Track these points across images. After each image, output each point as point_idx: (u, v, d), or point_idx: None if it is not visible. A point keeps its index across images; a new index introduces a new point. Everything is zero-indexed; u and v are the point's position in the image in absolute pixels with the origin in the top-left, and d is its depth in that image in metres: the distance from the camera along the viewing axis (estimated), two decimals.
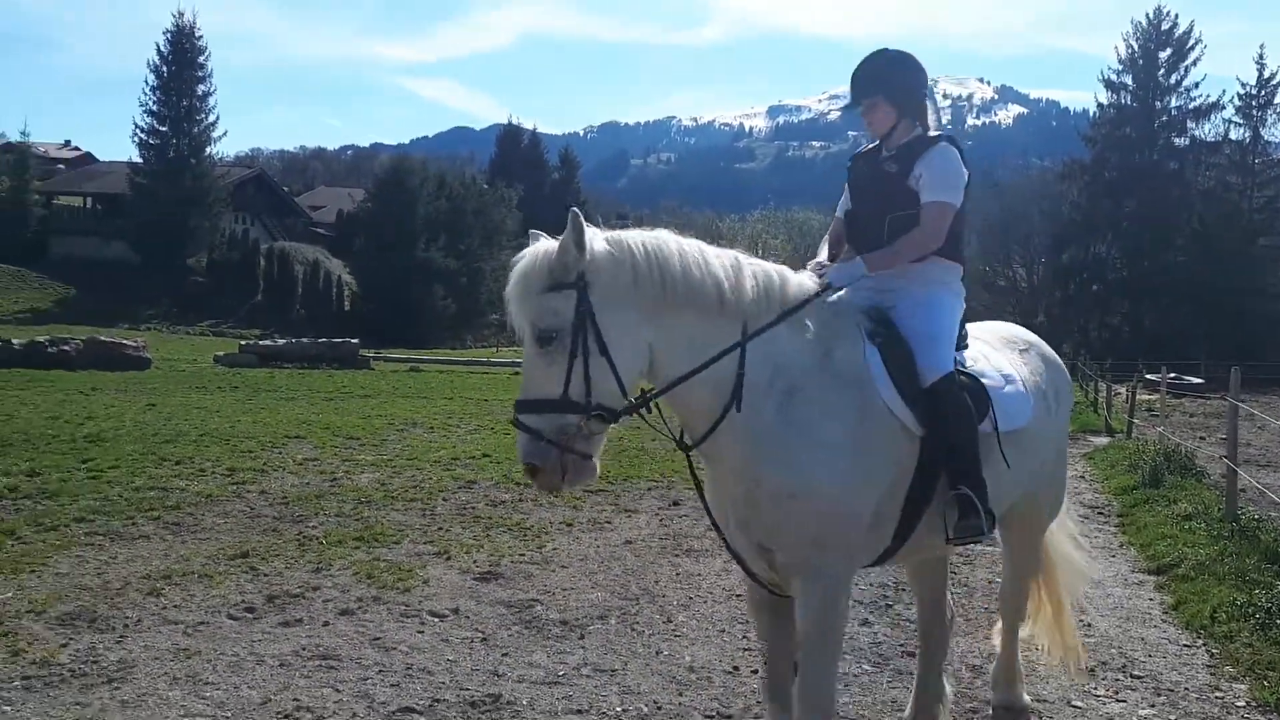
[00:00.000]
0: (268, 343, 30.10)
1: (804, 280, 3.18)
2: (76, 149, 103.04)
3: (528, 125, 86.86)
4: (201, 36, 58.08)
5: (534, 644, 4.96)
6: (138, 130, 56.73)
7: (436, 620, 5.26)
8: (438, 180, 65.84)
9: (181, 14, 57.97)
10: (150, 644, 4.72)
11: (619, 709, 4.18)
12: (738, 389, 2.91)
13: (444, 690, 4.31)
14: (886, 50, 3.47)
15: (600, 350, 2.77)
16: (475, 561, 6.49)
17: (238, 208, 62.49)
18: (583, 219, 2.80)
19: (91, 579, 5.72)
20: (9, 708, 3.94)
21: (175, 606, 5.31)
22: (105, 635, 4.80)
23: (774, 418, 2.94)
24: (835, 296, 3.20)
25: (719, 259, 2.99)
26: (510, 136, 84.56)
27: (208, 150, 58.81)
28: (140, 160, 57.61)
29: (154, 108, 56.74)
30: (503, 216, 67.11)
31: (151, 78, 56.76)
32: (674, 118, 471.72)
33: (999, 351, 3.58)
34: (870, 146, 3.54)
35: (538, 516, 7.94)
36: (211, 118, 58.49)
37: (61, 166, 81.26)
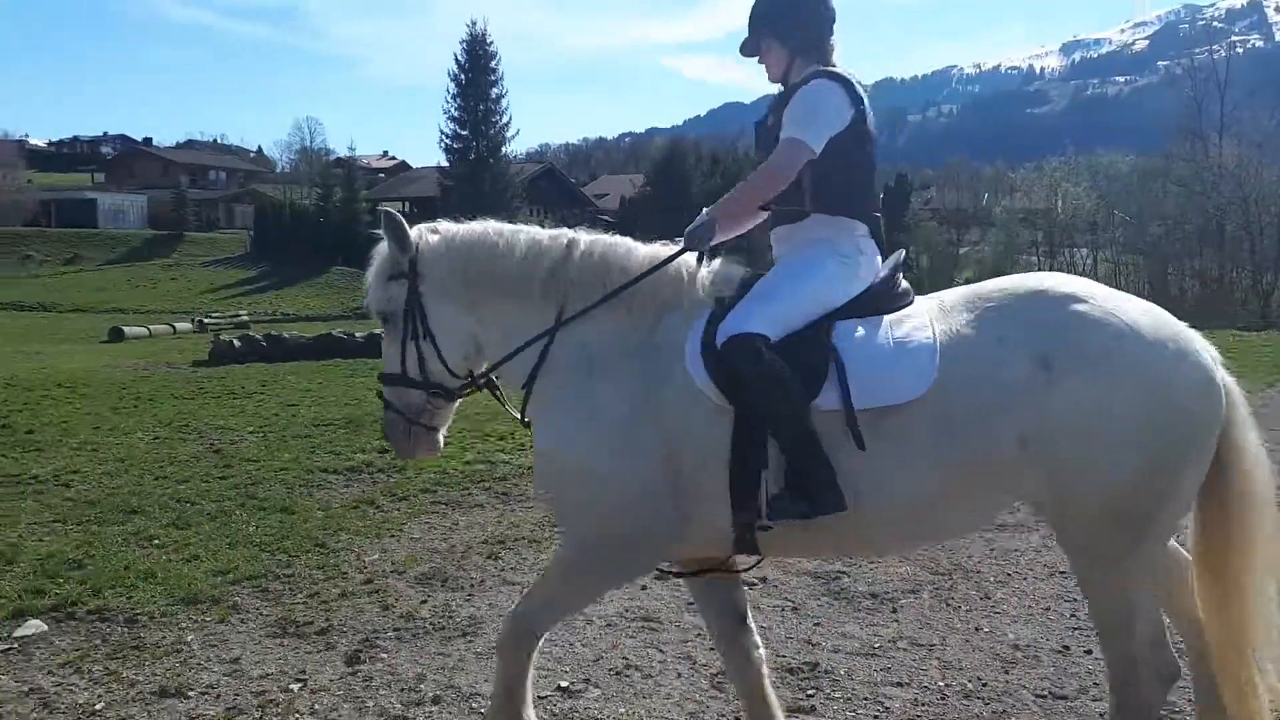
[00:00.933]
0: None
1: (655, 252, 3.13)
2: (393, 158, 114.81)
3: None
4: (492, 42, 62.47)
5: (845, 615, 4.97)
6: (443, 136, 62.15)
7: (747, 588, 5.39)
8: (710, 159, 66.74)
9: (474, 23, 62.60)
10: (494, 602, 5.23)
11: (941, 683, 4.10)
12: (534, 371, 3.06)
13: None
14: None
15: (425, 334, 3.10)
16: None
17: (532, 201, 66.93)
18: (398, 218, 3.11)
19: (440, 543, 6.41)
20: (385, 655, 4.53)
21: (512, 569, 5.84)
22: (456, 594, 5.38)
23: (556, 392, 3.03)
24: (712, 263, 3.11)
25: (543, 246, 3.11)
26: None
27: (503, 150, 63.30)
28: (447, 164, 63.09)
29: (455, 114, 61.83)
30: None
31: (452, 86, 61.85)
32: (953, 67, 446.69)
33: (953, 313, 2.89)
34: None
35: None
36: (505, 118, 62.86)
37: (382, 175, 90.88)
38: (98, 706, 3.95)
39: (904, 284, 3.08)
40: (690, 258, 3.11)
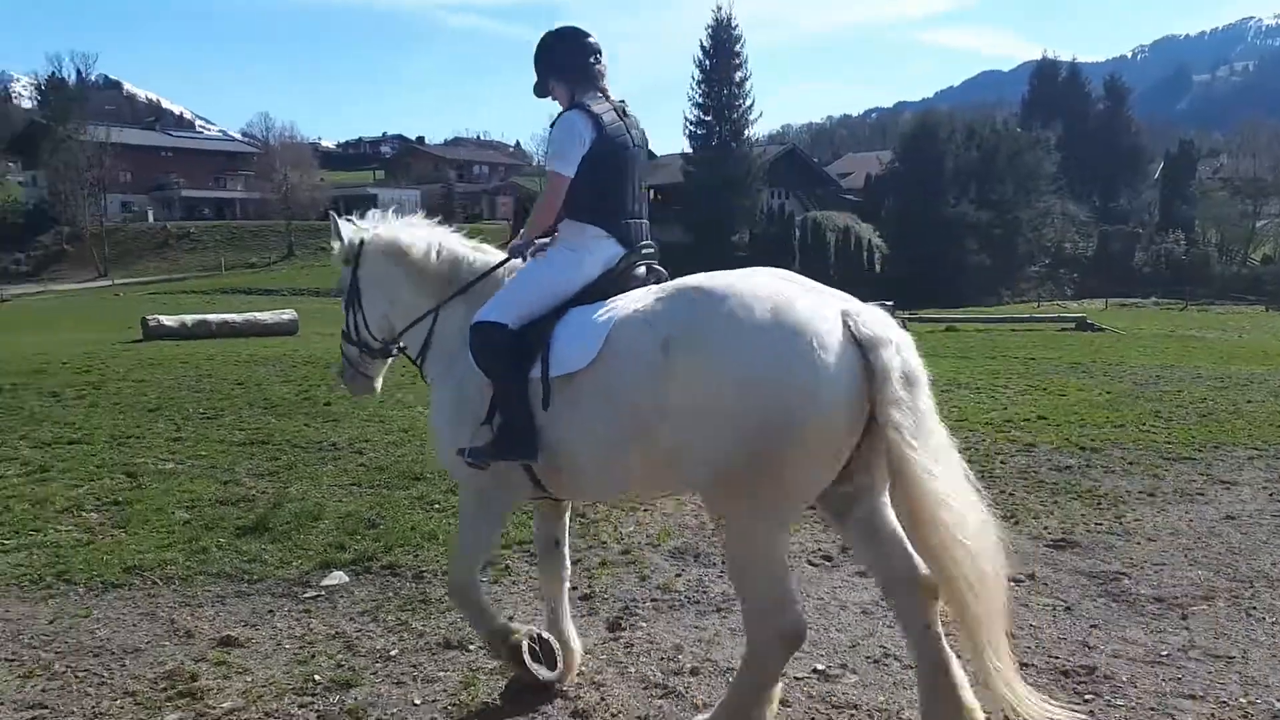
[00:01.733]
0: None
1: (490, 257, 3.98)
2: None
3: (1064, 57, 79.56)
4: (737, 26, 62.62)
5: (1126, 619, 4.60)
6: (687, 123, 63.09)
7: (1012, 584, 5.10)
8: (966, 130, 63.46)
9: (719, 8, 62.94)
10: None
11: (1242, 699, 3.71)
12: (424, 348, 3.99)
13: (1031, 655, 4.19)
14: (548, 31, 3.82)
15: (359, 307, 4.15)
16: (1046, 528, 6.19)
17: (773, 184, 66.52)
18: (338, 221, 4.19)
19: (691, 519, 6.55)
20: (644, 624, 4.69)
21: None
22: (709, 569, 5.48)
23: (432, 366, 3.97)
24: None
25: (423, 244, 4.01)
26: (1044, 72, 78.52)
27: (745, 133, 63.36)
28: (690, 150, 64.00)
29: (699, 100, 62.59)
30: (1038, 160, 62.65)
31: (696, 72, 62.65)
32: (1250, 18, 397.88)
33: (640, 300, 3.36)
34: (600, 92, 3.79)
35: (1111, 484, 7.31)
36: (748, 101, 62.88)
37: None
38: (392, 653, 4.37)
39: (640, 273, 3.73)
40: (516, 262, 3.85)
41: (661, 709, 3.79)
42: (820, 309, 2.98)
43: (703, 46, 62.96)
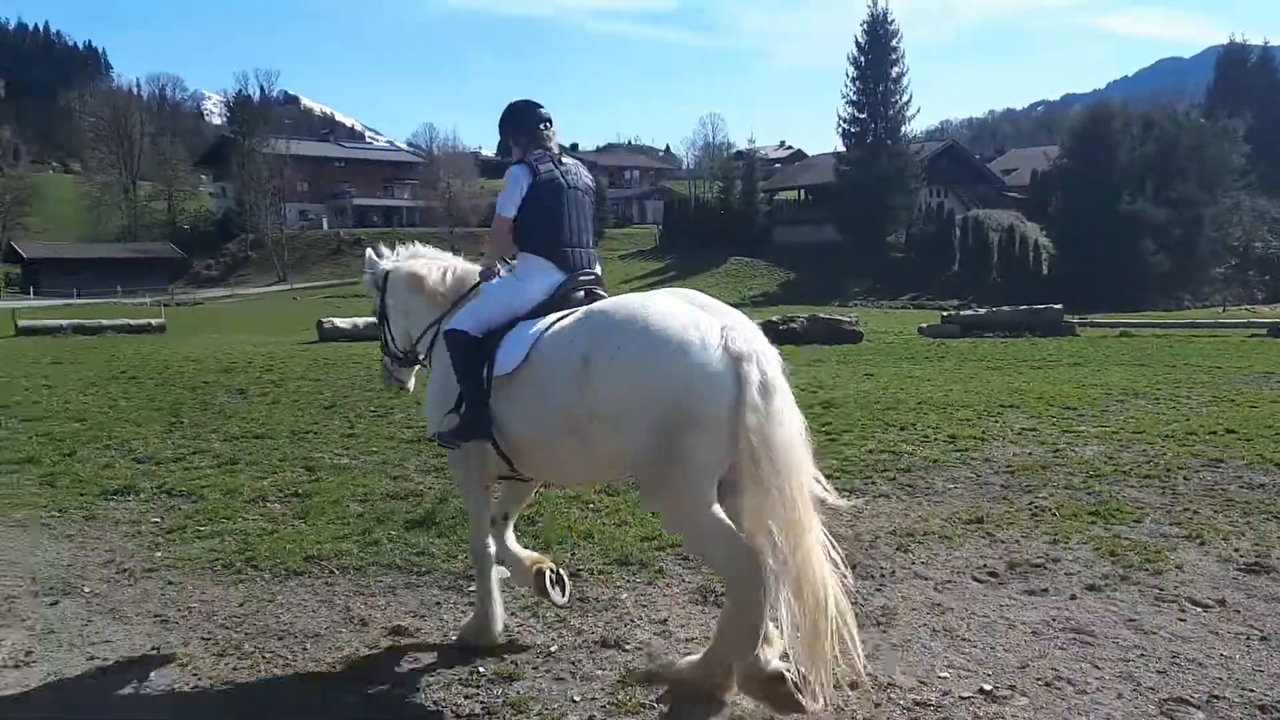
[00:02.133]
0: (969, 312, 30.54)
1: (471, 278, 4.84)
2: (790, 147, 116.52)
3: (1254, 41, 73.68)
4: (894, 21, 61.03)
5: None
6: (840, 121, 62.01)
7: (1199, 610, 4.78)
8: (1142, 122, 59.68)
9: (875, 3, 61.50)
10: (906, 595, 5.14)
11: None
12: (429, 352, 4.87)
13: (1222, 686, 3.90)
14: (509, 104, 4.75)
15: (387, 325, 5.13)
16: (1237, 550, 5.74)
17: (931, 181, 64.48)
18: (370, 254, 5.23)
19: (846, 530, 6.40)
20: None
21: (922, 563, 5.69)
22: (867, 582, 5.35)
23: (433, 364, 4.78)
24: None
25: (436, 272, 4.95)
26: (1231, 57, 73.05)
27: (902, 130, 61.67)
28: (843, 149, 62.82)
29: (854, 97, 61.39)
30: (1224, 153, 58.26)
31: (851, 69, 61.47)
32: None
33: (562, 318, 4.11)
34: (545, 151, 4.63)
35: None
36: (905, 97, 61.21)
37: (778, 165, 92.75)
38: (552, 649, 4.48)
39: (579, 295, 4.40)
40: (487, 284, 4.64)
41: None
42: (706, 327, 3.65)
43: (858, 43, 61.74)
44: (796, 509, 3.58)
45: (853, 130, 61.83)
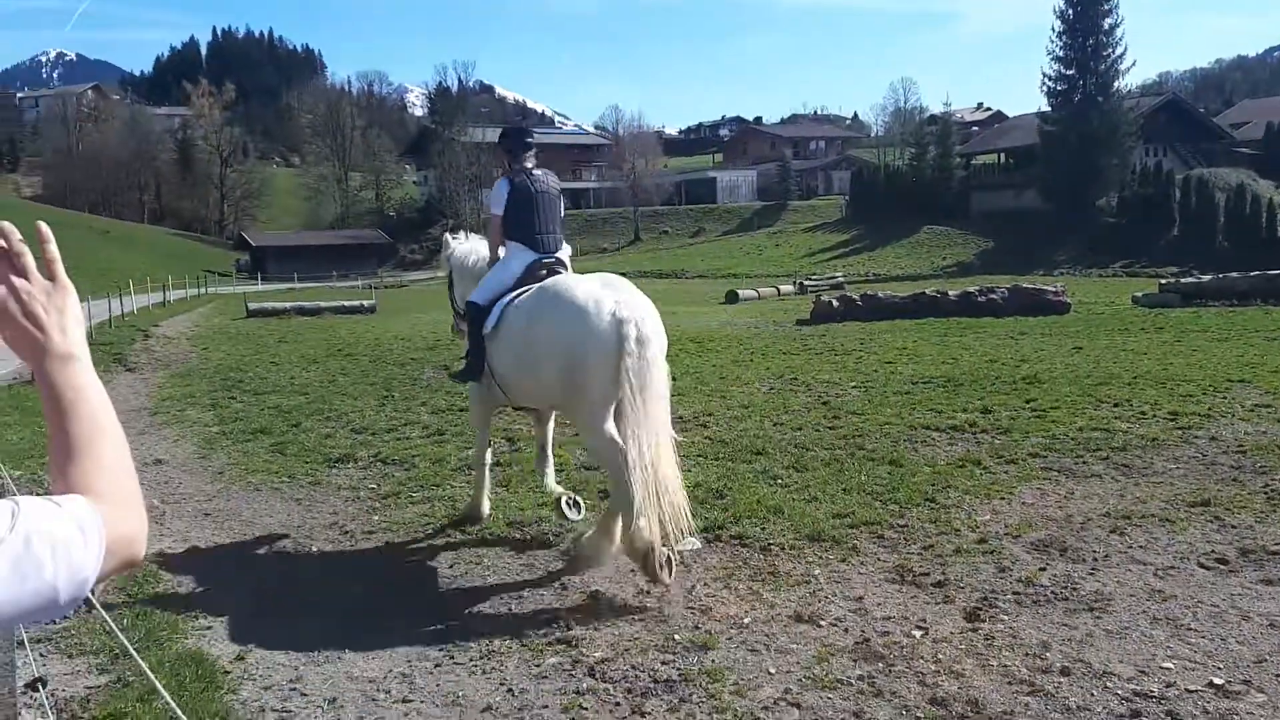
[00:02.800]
0: (1189, 280, 28.04)
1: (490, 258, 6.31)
2: (988, 109, 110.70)
3: None
4: None
5: None
6: (1045, 79, 58.07)
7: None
8: None
9: None
10: (1122, 580, 4.81)
11: None
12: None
13: None
14: (504, 128, 6.80)
15: (451, 290, 6.82)
16: None
17: (1148, 140, 59.45)
18: (446, 238, 7.02)
19: (1054, 511, 6.08)
20: (1006, 616, 4.43)
21: (1140, 547, 5.31)
22: (1078, 565, 5.06)
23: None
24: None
25: (473, 256, 6.59)
26: None
27: (1115, 85, 57.18)
28: (1048, 109, 58.93)
29: (1060, 53, 57.33)
30: None
31: (1058, 24, 57.39)
32: None
33: (524, 291, 5.61)
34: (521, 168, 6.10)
35: None
36: (1119, 50, 56.66)
37: (975, 129, 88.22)
38: (745, 620, 4.49)
39: (543, 273, 5.76)
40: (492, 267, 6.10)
41: (1029, 706, 3.57)
42: (602, 299, 5.04)
43: None
44: (657, 427, 4.96)
45: (1059, 88, 57.72)
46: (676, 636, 4.33)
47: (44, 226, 1.14)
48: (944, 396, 10.29)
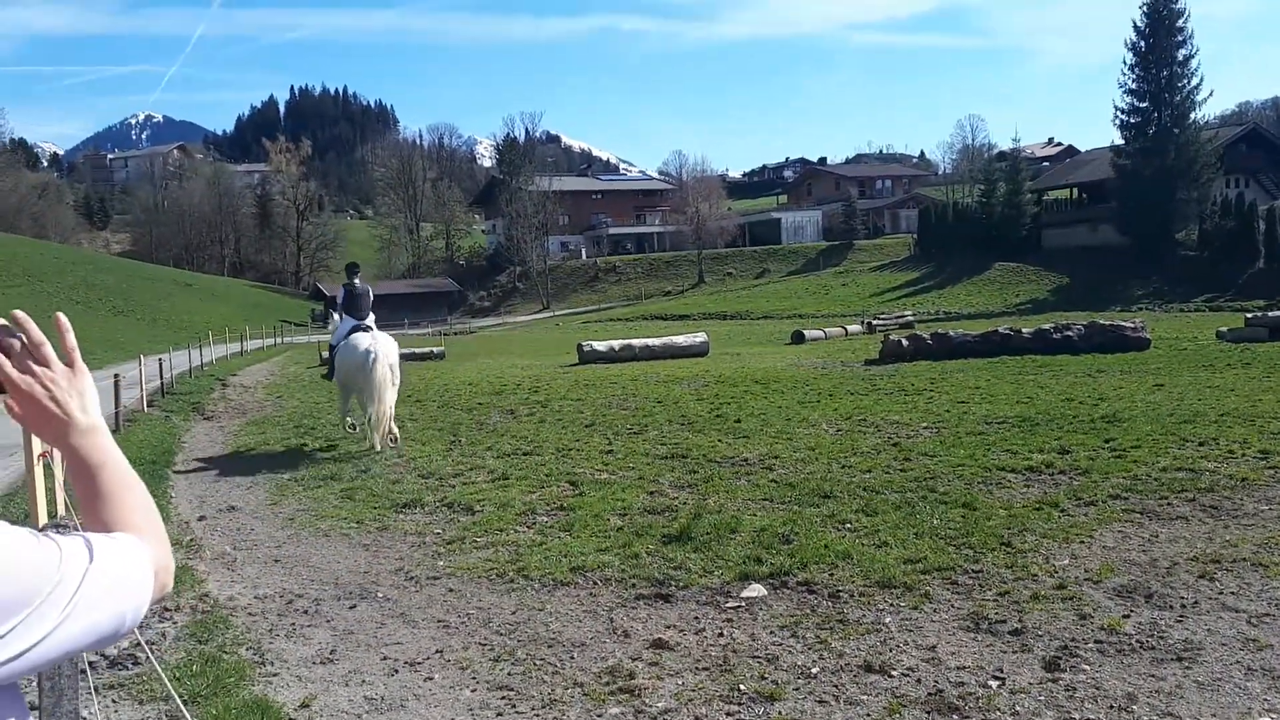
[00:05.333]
0: (1277, 313, 26.97)
1: (343, 326, 12.55)
2: (1059, 144, 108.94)
3: None
4: (1179, 0, 55.45)
5: None
6: (1118, 112, 56.93)
7: None
8: None
9: None
10: (1213, 628, 4.57)
11: None
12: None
13: None
14: (348, 264, 13.58)
15: (333, 341, 13.89)
16: None
17: (1228, 171, 57.74)
18: (332, 314, 15.12)
19: (1138, 555, 5.82)
20: (1088, 666, 4.22)
21: (1232, 593, 5.04)
22: (1165, 613, 4.81)
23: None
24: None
25: (336, 320, 14.15)
26: None
27: (1192, 116, 55.80)
28: (1121, 142, 57.72)
29: (1132, 85, 56.24)
30: None
31: (1129, 56, 56.35)
32: None
33: (347, 336, 11.80)
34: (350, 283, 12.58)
35: None
36: (1195, 80, 55.36)
37: (1046, 164, 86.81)
38: (813, 670, 4.36)
39: (359, 332, 11.74)
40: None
41: None
42: (367, 343, 11.26)
43: (1136, 26, 56.48)
44: (384, 403, 10.96)
45: (1132, 121, 56.46)
46: (742, 686, 4.21)
47: (62, 318, 1.25)
48: (1019, 437, 10.00)
